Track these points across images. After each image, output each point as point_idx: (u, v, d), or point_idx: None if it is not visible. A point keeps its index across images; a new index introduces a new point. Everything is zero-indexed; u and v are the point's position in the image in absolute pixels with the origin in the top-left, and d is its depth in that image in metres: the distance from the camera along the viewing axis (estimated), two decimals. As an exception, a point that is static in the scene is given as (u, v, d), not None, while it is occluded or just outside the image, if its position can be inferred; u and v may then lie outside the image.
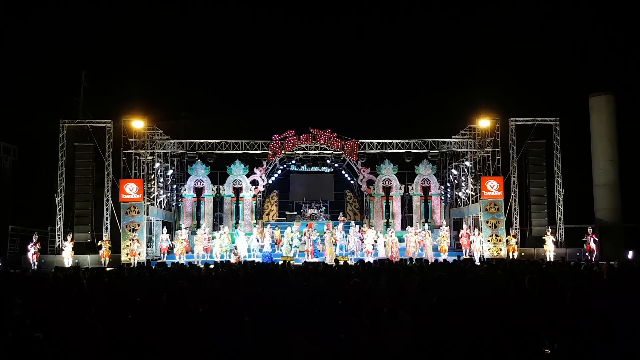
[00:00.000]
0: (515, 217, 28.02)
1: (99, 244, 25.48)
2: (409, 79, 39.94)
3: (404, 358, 6.37)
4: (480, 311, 7.01)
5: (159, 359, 6.18)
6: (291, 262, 20.88)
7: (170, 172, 30.53)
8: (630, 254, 24.12)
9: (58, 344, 5.91)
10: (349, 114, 36.78)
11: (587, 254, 24.87)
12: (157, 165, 28.82)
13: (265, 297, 8.35)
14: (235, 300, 7.88)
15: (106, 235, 26.16)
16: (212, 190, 30.30)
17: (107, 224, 26.91)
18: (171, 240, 27.16)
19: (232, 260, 22.80)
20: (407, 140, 29.27)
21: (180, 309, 6.87)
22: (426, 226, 27.95)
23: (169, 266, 16.03)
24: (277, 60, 43.57)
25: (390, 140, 29.38)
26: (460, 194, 30.78)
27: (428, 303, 7.27)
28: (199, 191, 30.44)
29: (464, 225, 27.95)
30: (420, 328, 6.60)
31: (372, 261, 18.43)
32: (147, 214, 26.61)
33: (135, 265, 21.72)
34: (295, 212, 32.58)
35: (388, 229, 28.01)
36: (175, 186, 31.46)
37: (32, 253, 24.12)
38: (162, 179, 29.62)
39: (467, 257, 24.42)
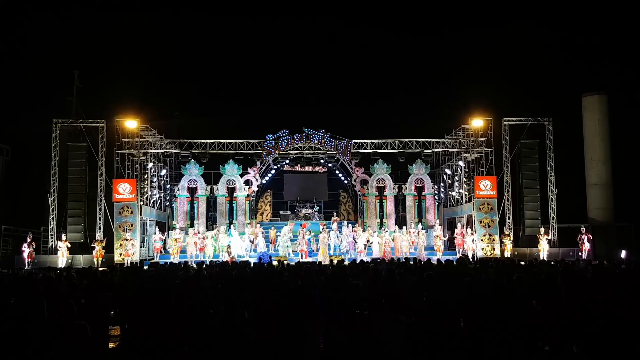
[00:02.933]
0: (509, 217, 28.10)
1: (92, 244, 25.40)
2: (402, 78, 40.02)
3: (401, 358, 6.37)
4: (474, 311, 7.02)
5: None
6: (285, 261, 20.87)
7: (163, 172, 30.46)
8: (623, 254, 24.25)
9: (48, 344, 5.88)
10: (342, 113, 36.87)
11: (581, 253, 24.98)
12: (150, 165, 28.74)
13: (262, 296, 8.34)
14: (230, 298, 7.86)
15: (99, 235, 26.08)
16: (206, 190, 30.20)
17: (100, 224, 26.84)
18: (164, 241, 27.09)
19: (226, 259, 22.75)
20: (400, 140, 29.31)
21: (176, 308, 6.86)
22: (419, 226, 27.97)
23: (163, 266, 15.99)
24: (270, 60, 43.57)
25: (383, 140, 29.42)
26: (453, 193, 30.85)
27: (421, 303, 7.29)
28: (192, 191, 30.34)
29: (458, 225, 28.00)
30: (415, 328, 6.61)
31: (365, 260, 18.44)
32: (141, 214, 26.55)
33: (128, 265, 21.66)
34: (289, 212, 32.59)
35: (382, 228, 28.01)
36: (168, 186, 31.39)
37: (26, 253, 24.00)
38: (155, 179, 29.55)
39: (461, 256, 24.47)
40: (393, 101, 38.87)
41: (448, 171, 31.44)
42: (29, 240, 24.29)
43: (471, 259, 23.16)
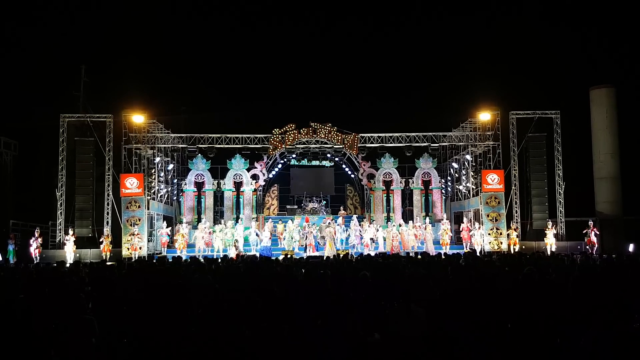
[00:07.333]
0: (516, 211, 28.01)
1: (100, 239, 25.51)
2: (409, 72, 39.91)
3: (418, 351, 6.37)
4: (484, 303, 7.02)
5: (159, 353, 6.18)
6: (292, 256, 20.93)
7: (170, 166, 30.52)
8: (631, 247, 24.16)
9: (56, 338, 5.91)
10: (349, 107, 36.84)
11: (588, 247, 24.89)
12: (157, 159, 28.81)
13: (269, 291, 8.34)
14: (237, 294, 7.87)
15: (107, 229, 26.17)
16: (213, 184, 30.30)
17: (108, 218, 26.91)
18: (172, 235, 27.17)
19: (233, 254, 22.79)
20: (407, 134, 29.24)
21: (182, 304, 6.88)
22: (427, 220, 27.95)
23: (170, 260, 16.02)
24: (277, 54, 43.53)
25: (390, 134, 29.35)
26: (460, 187, 30.78)
27: (433, 296, 7.30)
28: (199, 185, 30.44)
29: (465, 219, 27.95)
30: (429, 321, 6.61)
31: (373, 254, 18.45)
32: (148, 209, 26.63)
33: (136, 260, 21.73)
34: (296, 206, 32.61)
35: (389, 222, 28.02)
36: (175, 180, 31.46)
37: (34, 248, 24.14)
38: (162, 174, 29.61)
39: (468, 250, 24.44)
40: (400, 95, 38.78)
41: (455, 165, 31.37)
42: (36, 234, 24.42)
43: (479, 253, 23.13)
